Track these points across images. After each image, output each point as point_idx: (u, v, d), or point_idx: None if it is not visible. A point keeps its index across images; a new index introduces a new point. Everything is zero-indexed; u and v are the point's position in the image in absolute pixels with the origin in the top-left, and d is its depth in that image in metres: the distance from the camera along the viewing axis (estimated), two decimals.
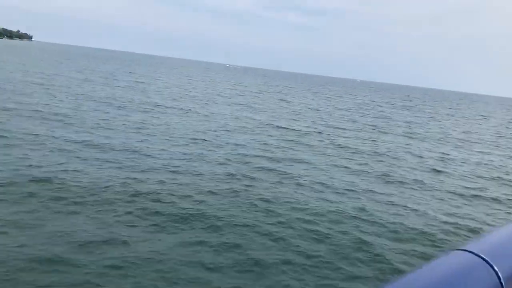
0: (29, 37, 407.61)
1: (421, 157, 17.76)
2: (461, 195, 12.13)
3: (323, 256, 6.99)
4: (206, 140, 15.76)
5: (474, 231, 9.04)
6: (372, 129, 25.75)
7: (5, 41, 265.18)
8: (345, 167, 14.09)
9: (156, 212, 8.12)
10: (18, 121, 15.20)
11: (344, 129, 24.22)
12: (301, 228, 8.08)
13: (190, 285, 5.74)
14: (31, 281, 5.41)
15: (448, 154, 19.10)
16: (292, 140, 18.05)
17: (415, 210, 10.08)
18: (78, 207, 7.91)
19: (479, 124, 41.05)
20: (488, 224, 9.79)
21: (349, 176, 12.83)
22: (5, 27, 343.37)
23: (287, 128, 21.60)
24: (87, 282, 5.52)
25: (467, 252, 0.79)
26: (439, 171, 15.11)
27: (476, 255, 0.79)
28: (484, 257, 0.78)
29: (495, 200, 12.04)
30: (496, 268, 0.77)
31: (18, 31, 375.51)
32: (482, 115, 56.65)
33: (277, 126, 21.88)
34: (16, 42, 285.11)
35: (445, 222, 9.40)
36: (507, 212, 11.08)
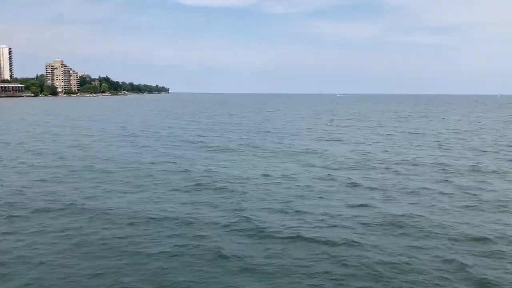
0: (166, 90, 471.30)
1: None
2: None
3: None
4: None
5: None
6: None
7: (145, 95, 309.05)
8: None
9: None
10: None
11: None
12: None
13: None
14: None
15: None
16: None
17: None
18: None
19: None
20: None
21: None
22: (146, 83, 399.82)
23: None
24: None
25: None
26: None
27: None
28: None
29: None
30: None
31: (157, 85, 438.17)
32: None
33: None
34: (155, 95, 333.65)
35: None
36: None
